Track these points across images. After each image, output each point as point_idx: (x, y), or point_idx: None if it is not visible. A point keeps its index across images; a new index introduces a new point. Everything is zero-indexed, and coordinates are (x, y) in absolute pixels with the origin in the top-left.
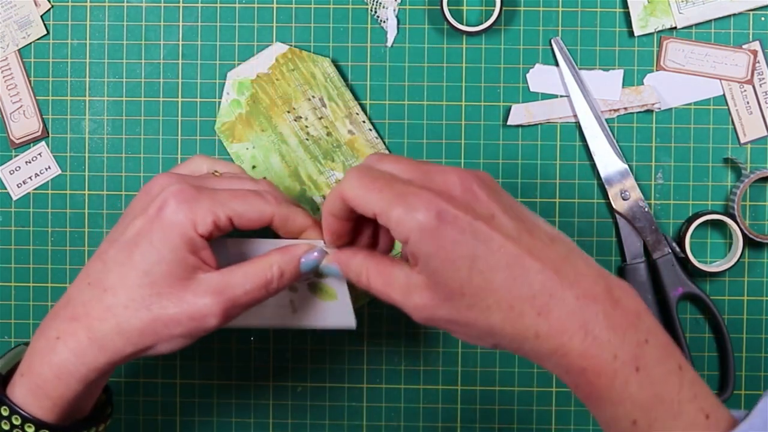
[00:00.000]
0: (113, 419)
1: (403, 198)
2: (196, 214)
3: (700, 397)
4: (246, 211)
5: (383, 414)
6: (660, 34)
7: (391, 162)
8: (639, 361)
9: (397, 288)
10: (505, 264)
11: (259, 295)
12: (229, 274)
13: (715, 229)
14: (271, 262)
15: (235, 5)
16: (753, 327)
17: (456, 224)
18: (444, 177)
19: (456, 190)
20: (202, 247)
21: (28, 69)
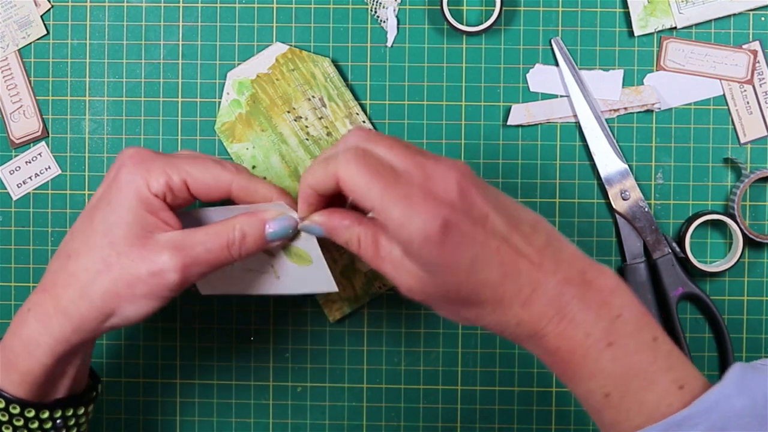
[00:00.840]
0: (113, 419)
1: (407, 200)
2: (150, 173)
3: (675, 369)
4: (201, 175)
5: (383, 414)
6: (660, 34)
7: (383, 146)
8: (611, 337)
9: (389, 263)
10: (498, 263)
11: (221, 255)
12: (189, 233)
13: (715, 229)
14: (233, 224)
15: (235, 5)
16: (753, 327)
17: (458, 232)
18: (443, 177)
19: (455, 194)
20: (159, 207)
21: (28, 69)
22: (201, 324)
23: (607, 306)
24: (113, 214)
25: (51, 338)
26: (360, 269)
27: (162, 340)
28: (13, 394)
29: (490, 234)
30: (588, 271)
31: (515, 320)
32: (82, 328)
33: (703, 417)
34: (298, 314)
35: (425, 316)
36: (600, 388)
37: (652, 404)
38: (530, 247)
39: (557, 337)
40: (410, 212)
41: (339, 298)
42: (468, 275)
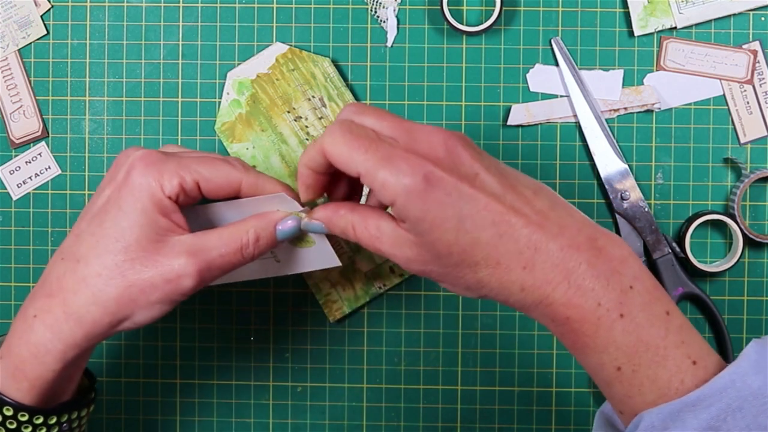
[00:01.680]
0: (113, 419)
1: (389, 160)
2: (163, 175)
3: (687, 343)
4: (213, 176)
5: (383, 414)
6: (660, 34)
7: (372, 116)
8: (623, 308)
9: (386, 240)
10: (490, 222)
11: (235, 259)
12: (203, 237)
13: (715, 229)
14: (247, 227)
15: (235, 5)
16: (753, 327)
17: (442, 186)
18: (428, 138)
19: (440, 152)
20: (172, 210)
21: (28, 69)
22: (201, 324)
23: (618, 275)
24: (126, 218)
25: (61, 344)
26: (360, 269)
27: (162, 340)
28: (21, 402)
29: (480, 190)
30: (599, 238)
31: (518, 284)
32: (94, 334)
33: (717, 397)
34: (298, 314)
35: (425, 316)
36: (612, 361)
37: (665, 380)
38: (528, 207)
39: (565, 305)
40: (392, 170)
41: (339, 298)
42: (457, 233)
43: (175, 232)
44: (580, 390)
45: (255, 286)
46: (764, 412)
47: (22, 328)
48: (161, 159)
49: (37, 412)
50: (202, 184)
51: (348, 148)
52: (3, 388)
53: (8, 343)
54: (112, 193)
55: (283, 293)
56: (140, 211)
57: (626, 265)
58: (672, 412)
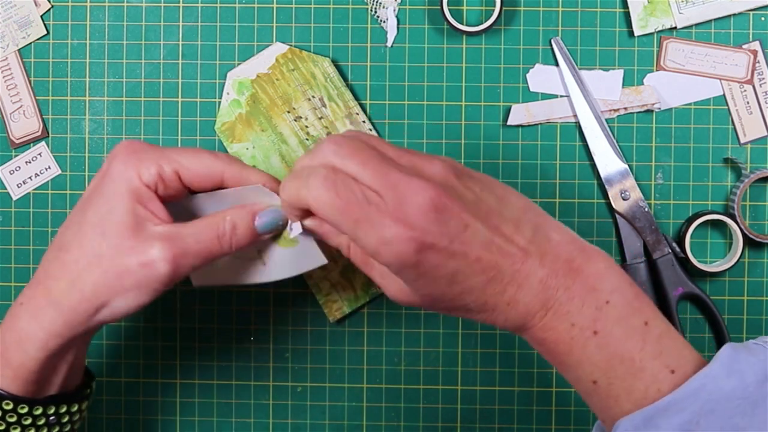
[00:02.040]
0: (113, 419)
1: (380, 230)
2: (141, 163)
3: (666, 353)
4: (192, 165)
5: (383, 414)
6: (660, 34)
7: (355, 163)
8: (597, 325)
9: (377, 271)
10: (480, 270)
11: (212, 247)
12: (180, 225)
13: (715, 229)
14: (224, 215)
15: (235, 5)
16: (753, 327)
17: (434, 253)
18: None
19: (430, 214)
20: (149, 198)
21: (28, 69)
22: (201, 324)
23: (594, 293)
24: (105, 205)
25: (42, 332)
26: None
27: (162, 340)
28: (7, 390)
29: (469, 245)
30: (576, 258)
31: (502, 317)
32: (73, 321)
33: (689, 401)
34: (298, 314)
35: (425, 316)
36: (587, 375)
37: (641, 391)
38: (514, 246)
39: (542, 329)
40: (383, 240)
41: (339, 298)
42: (450, 286)
43: (153, 221)
44: None
45: (255, 286)
46: (738, 413)
47: (11, 315)
48: (142, 148)
49: (22, 402)
50: (182, 173)
51: (332, 211)
52: None
53: None
54: (96, 182)
55: (283, 293)
56: (118, 198)
57: (604, 280)
58: (645, 417)
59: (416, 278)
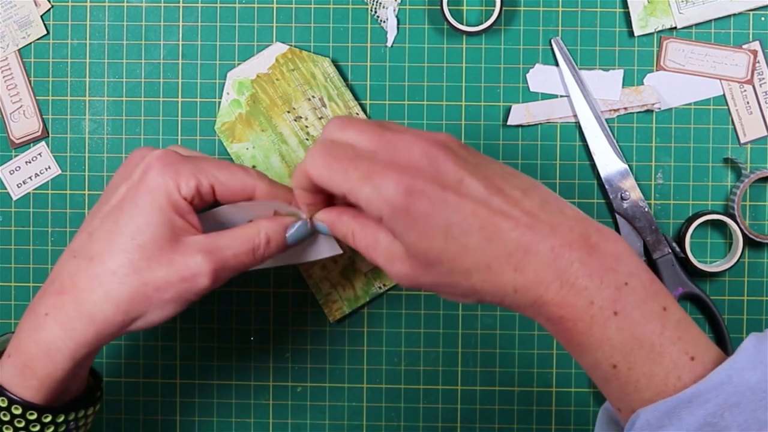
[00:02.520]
0: (113, 419)
1: (369, 177)
2: (180, 176)
3: (685, 339)
4: (228, 180)
5: (383, 414)
6: (660, 34)
7: (353, 130)
8: (617, 305)
9: (381, 252)
10: (478, 227)
11: (247, 260)
12: (217, 237)
13: (715, 229)
14: (259, 228)
15: (235, 5)
16: (753, 327)
17: (425, 197)
18: (408, 148)
19: (422, 161)
20: (187, 210)
21: (28, 69)
22: (201, 324)
23: (612, 272)
24: (141, 216)
25: (73, 342)
26: (360, 269)
27: (162, 340)
28: (30, 401)
29: (465, 197)
30: (592, 235)
31: (511, 286)
32: (105, 333)
33: (714, 393)
34: (298, 314)
35: (425, 316)
36: (606, 358)
37: (661, 377)
38: (517, 209)
39: (559, 304)
40: (374, 187)
41: (339, 298)
42: (445, 241)
43: (190, 232)
44: (580, 390)
45: (255, 286)
46: (762, 408)
47: (32, 326)
48: (179, 160)
49: (46, 411)
50: (218, 187)
51: (328, 170)
52: (11, 387)
53: (17, 341)
54: (128, 192)
55: (283, 293)
56: (157, 210)
57: (621, 261)
58: (668, 409)
59: (409, 229)
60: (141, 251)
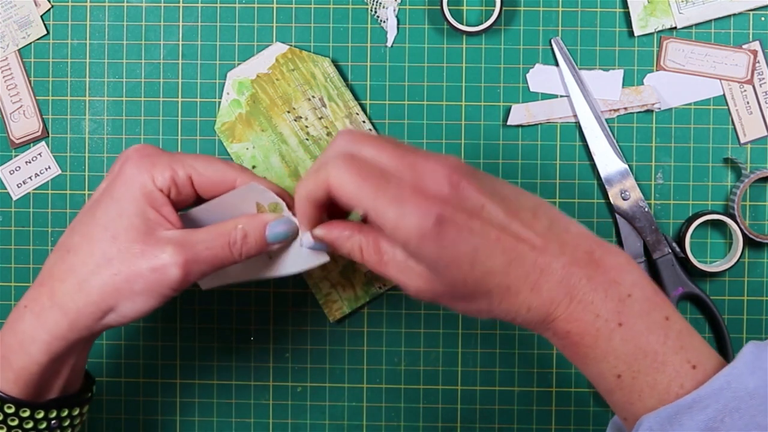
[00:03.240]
0: (113, 419)
1: (399, 201)
2: (155, 167)
3: (687, 348)
4: (206, 170)
5: (383, 414)
6: (660, 34)
7: (371, 147)
8: (621, 317)
9: (394, 267)
10: (501, 251)
11: (222, 254)
12: (193, 231)
13: (715, 229)
14: (236, 223)
15: (235, 5)
16: (753, 327)
17: (454, 226)
18: (433, 174)
19: (445, 188)
20: (162, 202)
21: (28, 69)
22: (201, 324)
23: (616, 285)
24: (116, 208)
25: (47, 334)
26: (360, 269)
27: (162, 340)
28: (8, 393)
29: (488, 224)
30: (596, 250)
31: (525, 306)
32: (78, 324)
33: (714, 398)
34: (298, 314)
35: (425, 316)
36: (611, 369)
37: (664, 385)
38: (531, 232)
39: (567, 320)
40: (403, 212)
41: (339, 298)
42: (471, 267)
43: (165, 226)
44: (580, 390)
45: (255, 286)
46: (762, 412)
47: (13, 318)
48: (156, 152)
49: (24, 405)
50: (195, 178)
51: (356, 187)
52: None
53: (0, 334)
54: (107, 185)
55: (283, 293)
56: (130, 201)
57: (624, 273)
58: (669, 415)
59: (437, 256)
60: (114, 242)
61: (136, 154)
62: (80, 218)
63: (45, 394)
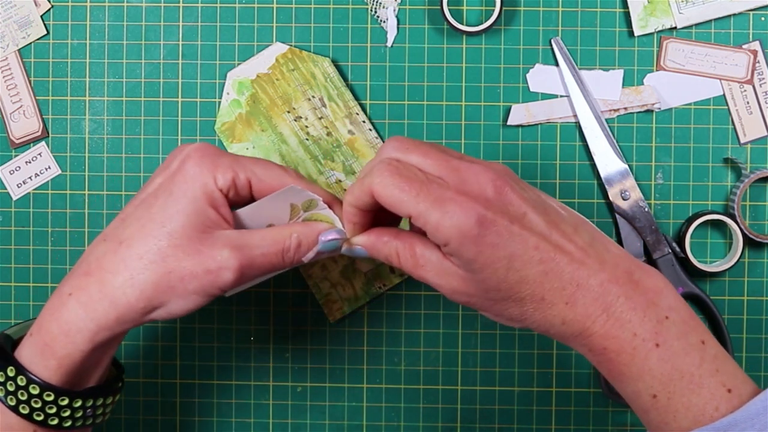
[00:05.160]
0: (113, 419)
1: (441, 203)
2: (218, 168)
3: (722, 372)
4: (265, 176)
5: (383, 414)
6: (660, 34)
7: (417, 154)
8: (658, 338)
9: (431, 270)
10: (538, 260)
11: (275, 261)
12: (248, 234)
13: (715, 229)
14: (291, 231)
15: (235, 5)
16: (753, 327)
17: (495, 229)
18: (476, 178)
19: (489, 192)
20: (222, 203)
21: (28, 69)
22: (201, 324)
23: (654, 306)
24: (174, 205)
25: (93, 324)
26: (360, 269)
27: (161, 340)
28: (48, 381)
29: (528, 231)
30: (635, 271)
31: (560, 318)
32: (126, 318)
33: (750, 422)
34: (298, 314)
35: (425, 317)
36: (647, 389)
37: (699, 407)
38: (572, 245)
39: (603, 336)
40: (445, 213)
41: (339, 298)
42: (507, 271)
43: (221, 226)
44: (580, 390)
45: (255, 286)
46: None
47: (56, 305)
48: (217, 153)
49: (63, 393)
50: (254, 183)
51: (399, 191)
52: (30, 366)
53: (40, 320)
54: (164, 181)
55: (283, 293)
56: (190, 199)
57: (662, 296)
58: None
59: (475, 258)
60: (169, 239)
61: (197, 153)
62: (133, 211)
63: (83, 383)
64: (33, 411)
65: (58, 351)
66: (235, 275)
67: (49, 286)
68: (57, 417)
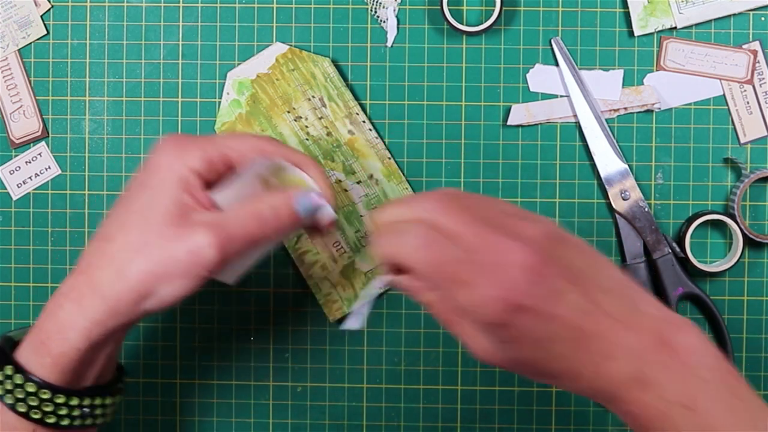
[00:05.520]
0: (113, 419)
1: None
2: (186, 151)
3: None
4: (240, 147)
5: (383, 414)
6: (660, 34)
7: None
8: (692, 401)
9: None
10: (570, 338)
11: (256, 232)
12: (223, 213)
13: (715, 229)
14: (264, 200)
15: (235, 5)
16: (753, 327)
17: (527, 316)
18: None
19: (523, 276)
20: (196, 187)
21: (28, 69)
22: (201, 324)
23: (687, 368)
24: (150, 195)
25: (86, 321)
26: (360, 269)
27: (162, 340)
28: (44, 379)
29: (562, 310)
30: (665, 330)
31: (588, 387)
32: (118, 311)
33: None
34: (298, 314)
35: (425, 316)
36: None
37: None
38: (601, 313)
39: (635, 403)
40: (474, 298)
41: (339, 298)
42: (536, 351)
43: (197, 208)
44: None
45: (255, 286)
46: None
47: (52, 306)
48: (186, 138)
49: (59, 392)
50: (233, 156)
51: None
52: (27, 364)
53: (38, 321)
54: (140, 175)
55: (283, 293)
56: (164, 188)
57: (696, 355)
58: None
59: (504, 340)
60: (149, 228)
61: (167, 143)
62: (115, 209)
63: (80, 382)
64: (30, 409)
65: (54, 349)
66: (216, 251)
67: (49, 286)
68: (54, 415)
